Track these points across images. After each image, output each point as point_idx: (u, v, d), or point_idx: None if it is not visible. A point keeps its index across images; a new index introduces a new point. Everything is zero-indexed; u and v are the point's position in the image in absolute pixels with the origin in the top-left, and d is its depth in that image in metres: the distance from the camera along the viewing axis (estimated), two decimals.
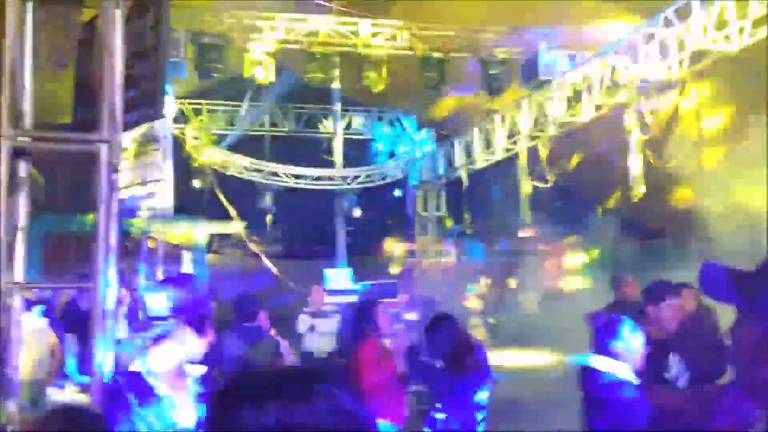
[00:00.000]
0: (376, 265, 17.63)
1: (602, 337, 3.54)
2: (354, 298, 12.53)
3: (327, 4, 11.48)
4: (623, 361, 3.46)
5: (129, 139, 9.58)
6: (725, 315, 4.73)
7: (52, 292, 7.99)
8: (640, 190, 9.80)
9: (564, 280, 13.69)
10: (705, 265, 5.06)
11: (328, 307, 9.60)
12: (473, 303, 12.94)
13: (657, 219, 11.98)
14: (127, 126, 3.71)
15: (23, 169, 3.29)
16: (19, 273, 3.38)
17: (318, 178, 15.18)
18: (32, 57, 3.47)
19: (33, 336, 6.13)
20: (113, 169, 3.17)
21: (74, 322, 12.47)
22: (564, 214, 14.67)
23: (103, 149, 3.09)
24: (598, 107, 10.39)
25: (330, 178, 15.22)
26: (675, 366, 3.86)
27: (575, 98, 10.58)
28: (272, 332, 6.46)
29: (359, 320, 5.13)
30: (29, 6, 3.47)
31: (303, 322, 9.25)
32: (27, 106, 3.30)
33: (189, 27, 11.24)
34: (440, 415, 4.59)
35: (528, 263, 15.00)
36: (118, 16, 3.39)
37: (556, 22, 11.93)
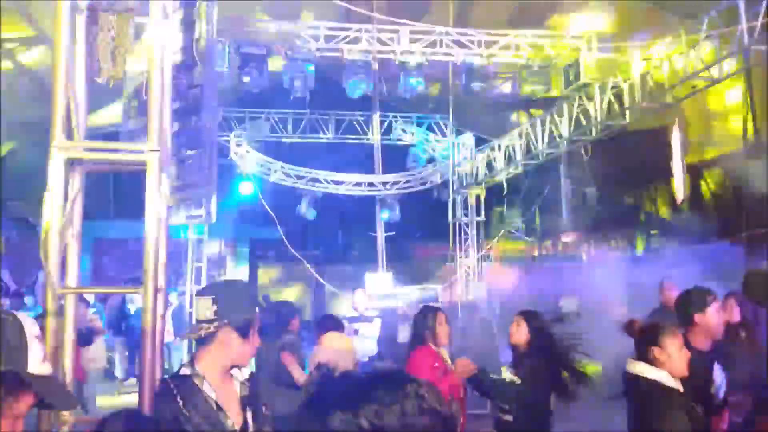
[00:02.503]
0: (416, 270, 17.64)
1: (645, 344, 3.50)
2: (394, 303, 12.60)
3: (367, 12, 11.56)
4: (666, 368, 3.42)
5: (175, 147, 9.78)
6: None
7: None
8: (683, 193, 9.64)
9: (605, 285, 13.49)
10: (749, 272, 4.96)
11: (370, 312, 9.67)
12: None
13: (703, 221, 11.77)
14: (174, 135, 3.83)
15: (77, 178, 3.42)
16: (72, 278, 3.51)
17: (358, 184, 15.27)
18: (84, 70, 3.60)
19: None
20: (162, 177, 3.27)
21: (123, 325, 12.79)
22: (607, 218, 14.48)
23: (153, 158, 3.19)
24: (641, 110, 10.25)
25: (370, 184, 15.29)
26: (718, 376, 3.77)
27: (618, 101, 10.45)
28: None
29: (418, 326, 5.14)
30: (82, 19, 3.59)
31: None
32: (80, 117, 3.42)
33: (232, 36, 11.45)
34: (507, 417, 4.56)
35: (569, 268, 14.81)
36: (167, 29, 3.49)
37: (598, 24, 11.82)
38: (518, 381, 4.57)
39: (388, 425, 1.05)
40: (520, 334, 4.70)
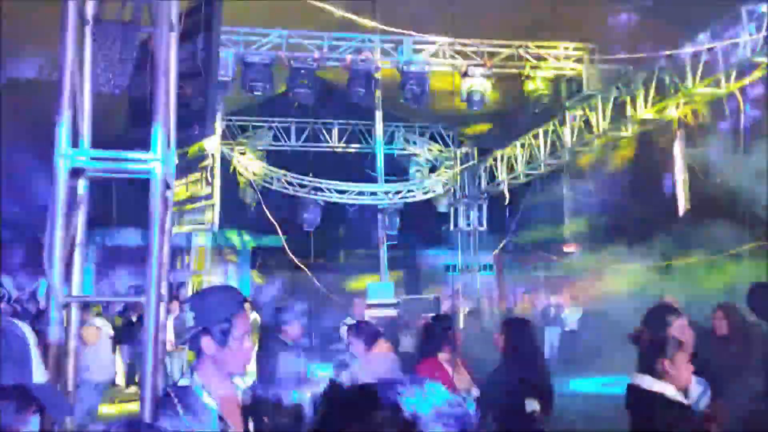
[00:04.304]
0: (418, 279, 17.61)
1: (653, 356, 3.47)
2: (394, 312, 12.58)
3: (370, 21, 11.60)
4: (672, 381, 3.40)
5: (179, 155, 9.82)
6: None
7: None
8: (685, 205, 9.63)
9: (608, 297, 13.47)
10: (755, 285, 4.95)
11: (370, 321, 9.63)
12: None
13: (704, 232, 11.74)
14: (179, 143, 3.83)
15: (81, 187, 3.42)
16: (75, 287, 3.51)
17: (360, 193, 15.29)
18: (90, 79, 3.61)
19: None
20: (166, 186, 3.27)
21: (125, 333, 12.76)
22: (608, 229, 14.44)
23: (157, 167, 3.20)
24: (643, 121, 10.26)
25: (372, 193, 15.30)
26: (695, 389, 3.73)
27: (620, 112, 10.47)
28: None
29: (426, 337, 5.15)
30: (87, 29, 3.61)
31: (344, 335, 9.31)
32: (85, 126, 3.44)
33: (236, 46, 11.50)
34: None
35: (571, 279, 14.78)
36: (172, 38, 3.51)
37: (600, 35, 11.84)
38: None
39: (423, 416, 1.15)
40: (500, 341, 4.78)
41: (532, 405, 4.43)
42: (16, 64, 10.57)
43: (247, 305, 3.18)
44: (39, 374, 1.59)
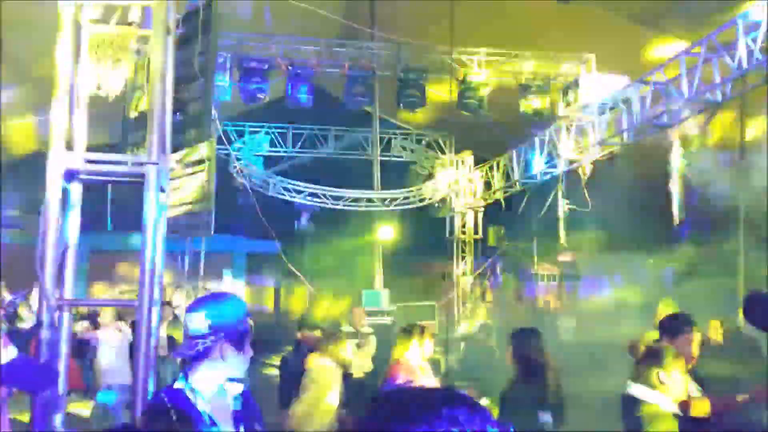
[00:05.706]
0: (414, 287, 17.57)
1: (649, 366, 3.46)
2: (389, 320, 12.56)
3: (369, 29, 11.64)
4: (667, 392, 3.38)
5: (175, 160, 9.79)
6: None
7: None
8: (680, 216, 9.64)
9: (603, 307, 13.47)
10: (751, 294, 4.94)
11: (366, 329, 9.61)
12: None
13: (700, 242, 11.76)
14: (174, 148, 3.83)
15: (75, 189, 3.41)
16: (67, 289, 3.50)
17: (357, 200, 15.28)
18: (86, 82, 3.61)
19: None
20: (161, 190, 3.27)
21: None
22: (604, 239, 14.48)
23: (152, 171, 3.20)
24: (639, 131, 10.27)
25: (369, 200, 15.29)
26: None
27: (616, 123, 10.48)
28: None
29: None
30: (84, 33, 3.61)
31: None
32: (80, 129, 3.43)
33: (234, 51, 11.50)
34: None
35: (566, 288, 14.78)
36: (169, 42, 3.51)
37: (597, 46, 11.89)
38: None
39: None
40: (508, 353, 4.75)
41: (545, 417, 4.40)
42: None
43: None
44: (2, 354, 1.57)
